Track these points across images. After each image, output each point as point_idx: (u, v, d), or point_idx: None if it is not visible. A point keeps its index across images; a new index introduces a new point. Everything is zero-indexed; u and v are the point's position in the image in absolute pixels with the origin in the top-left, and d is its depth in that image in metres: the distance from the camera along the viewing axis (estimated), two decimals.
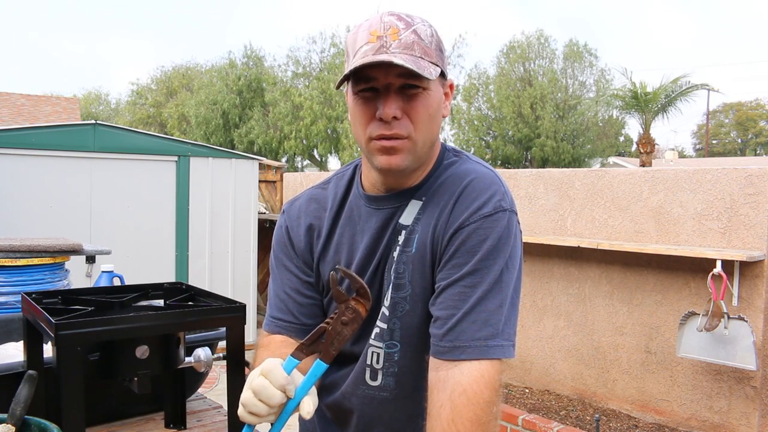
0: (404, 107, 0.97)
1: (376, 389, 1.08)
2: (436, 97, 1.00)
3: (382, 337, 1.05)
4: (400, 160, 0.99)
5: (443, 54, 1.01)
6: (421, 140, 0.99)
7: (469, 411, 0.88)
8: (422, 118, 0.98)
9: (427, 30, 0.98)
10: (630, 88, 14.61)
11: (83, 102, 34.40)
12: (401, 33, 0.96)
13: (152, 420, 1.46)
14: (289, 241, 1.15)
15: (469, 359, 0.91)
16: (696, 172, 3.82)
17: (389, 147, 0.97)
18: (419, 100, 0.97)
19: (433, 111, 0.99)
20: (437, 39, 1.00)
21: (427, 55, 0.97)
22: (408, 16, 0.99)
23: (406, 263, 1.02)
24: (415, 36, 0.96)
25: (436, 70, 0.96)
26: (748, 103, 41.32)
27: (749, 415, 3.61)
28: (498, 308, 0.94)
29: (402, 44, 0.95)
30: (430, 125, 0.99)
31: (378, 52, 0.94)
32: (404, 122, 0.97)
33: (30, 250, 2.02)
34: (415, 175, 1.05)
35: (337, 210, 1.12)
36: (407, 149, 0.98)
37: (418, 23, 0.98)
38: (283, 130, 22.34)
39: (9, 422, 0.89)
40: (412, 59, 0.94)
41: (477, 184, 0.99)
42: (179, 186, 5.82)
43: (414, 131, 0.98)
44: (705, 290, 3.66)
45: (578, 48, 25.28)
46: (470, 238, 0.96)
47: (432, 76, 0.94)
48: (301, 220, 1.14)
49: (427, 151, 1.03)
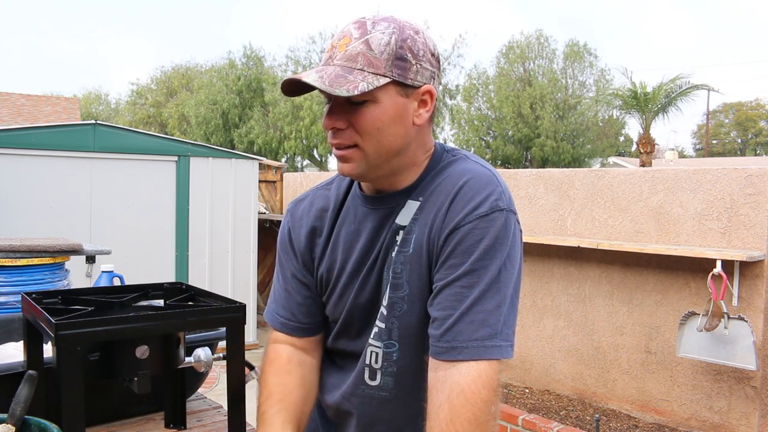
0: (350, 118, 0.97)
1: (375, 389, 1.08)
2: (389, 107, 0.97)
3: (380, 337, 1.06)
4: (351, 169, 1.01)
5: (407, 62, 0.96)
6: (372, 150, 0.98)
7: (467, 411, 0.89)
8: (368, 129, 0.97)
9: (383, 38, 0.95)
10: (630, 88, 14.62)
11: (83, 102, 34.40)
12: (351, 43, 0.96)
13: (152, 420, 1.45)
14: (290, 242, 1.16)
15: (467, 360, 0.91)
16: (696, 172, 3.82)
17: (339, 155, 1.00)
18: (364, 111, 0.96)
19: (383, 123, 0.97)
20: (396, 46, 0.95)
21: (372, 66, 0.94)
22: (374, 23, 0.97)
23: (403, 263, 1.02)
24: (363, 46, 0.95)
25: (372, 84, 0.93)
26: (748, 103, 41.34)
27: (749, 415, 3.61)
28: (496, 308, 0.94)
29: (346, 55, 0.95)
30: (379, 136, 0.97)
31: (326, 63, 0.97)
32: (349, 132, 0.98)
33: (30, 250, 2.02)
34: (402, 177, 1.05)
35: (338, 210, 1.12)
36: (357, 158, 0.99)
37: (378, 31, 0.96)
38: (283, 130, 22.35)
39: (9, 422, 0.89)
40: (335, 75, 0.93)
41: (473, 184, 0.99)
42: (179, 186, 5.82)
43: (361, 141, 0.98)
44: (705, 290, 3.66)
45: (578, 48, 25.29)
46: (466, 239, 0.95)
47: (347, 93, 0.92)
48: (303, 222, 1.15)
49: (389, 160, 1.01)
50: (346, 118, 0.97)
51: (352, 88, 0.92)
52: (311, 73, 0.95)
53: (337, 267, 1.10)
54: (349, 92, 0.92)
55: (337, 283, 1.10)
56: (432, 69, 1.00)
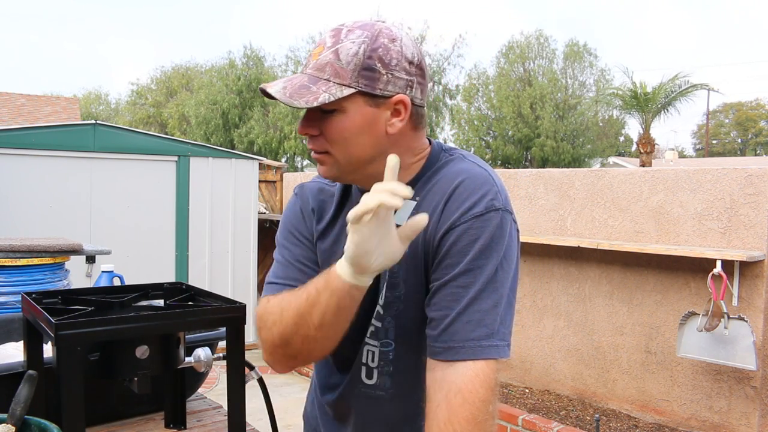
0: (321, 125, 0.99)
1: (373, 388, 1.08)
2: (356, 118, 0.97)
3: (377, 336, 1.06)
4: (325, 171, 1.04)
5: (376, 72, 0.95)
6: (342, 157, 1.00)
7: (465, 410, 0.89)
8: (336, 138, 0.99)
9: (351, 48, 0.95)
10: (630, 88, 14.63)
11: (83, 102, 34.40)
12: (323, 52, 0.97)
13: (152, 420, 1.45)
14: (302, 217, 1.16)
15: (464, 359, 0.92)
16: (696, 172, 3.82)
17: (316, 158, 1.03)
18: (332, 121, 0.98)
19: (350, 132, 0.98)
20: (364, 57, 0.95)
21: (338, 76, 0.95)
22: (349, 31, 0.97)
23: (399, 263, 1.02)
24: (332, 56, 0.95)
25: (335, 95, 0.94)
26: (748, 103, 41.36)
27: (749, 415, 3.61)
28: (492, 308, 0.94)
29: (316, 65, 0.97)
30: (346, 145, 0.99)
31: (302, 70, 1.00)
32: (320, 140, 1.00)
33: (30, 250, 2.02)
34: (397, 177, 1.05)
35: (340, 203, 1.13)
36: (330, 162, 1.02)
37: (349, 40, 0.96)
38: (283, 130, 22.35)
39: (9, 422, 0.89)
40: (299, 86, 0.95)
41: (468, 184, 0.99)
42: (179, 186, 5.82)
43: (331, 149, 1.00)
44: (705, 290, 3.66)
45: (578, 48, 25.29)
46: (461, 239, 0.95)
47: (305, 105, 0.93)
48: (309, 201, 1.16)
49: (362, 166, 1.01)
50: (318, 126, 0.99)
51: (312, 100, 0.93)
52: (279, 83, 0.97)
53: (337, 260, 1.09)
54: (308, 104, 0.93)
55: None
56: (408, 77, 0.99)
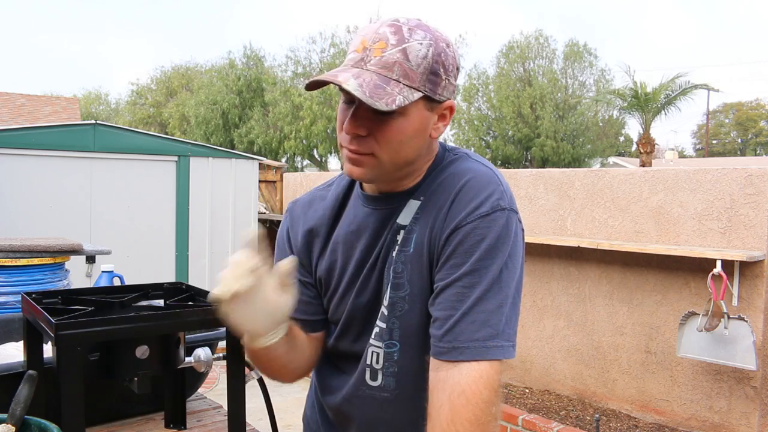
0: (372, 126, 0.94)
1: (377, 389, 1.07)
2: (414, 121, 0.95)
3: (381, 337, 1.05)
4: (363, 173, 0.99)
5: (439, 77, 0.95)
6: (388, 161, 0.97)
7: (468, 411, 0.88)
8: (389, 141, 0.95)
9: (421, 50, 0.92)
10: (631, 87, 14.62)
11: (83, 102, 34.40)
12: (387, 49, 0.92)
13: (152, 420, 1.45)
14: (288, 242, 1.16)
15: (468, 360, 0.91)
16: (696, 172, 3.82)
17: (353, 158, 0.98)
18: (389, 123, 0.94)
19: (407, 136, 0.95)
20: (432, 61, 0.93)
21: (407, 78, 0.92)
22: (411, 30, 0.93)
23: (404, 263, 1.02)
24: (401, 55, 0.92)
25: (407, 98, 0.91)
26: (748, 103, 41.35)
27: (749, 415, 3.61)
28: (497, 308, 0.93)
29: (382, 62, 0.92)
30: (399, 148, 0.96)
31: (356, 64, 0.93)
32: (368, 141, 0.95)
33: (30, 250, 2.02)
34: (407, 181, 1.04)
35: (338, 210, 1.12)
36: (371, 164, 0.97)
37: (415, 40, 0.93)
38: (283, 130, 22.34)
39: (9, 422, 0.89)
40: (374, 84, 0.90)
41: (474, 184, 0.98)
42: (179, 186, 5.82)
43: (379, 151, 0.96)
44: (705, 290, 3.65)
45: (578, 48, 25.28)
46: (467, 238, 0.95)
47: (386, 107, 0.89)
48: (300, 222, 1.15)
49: (401, 169, 1.00)
50: (368, 126, 0.95)
51: (390, 102, 0.90)
52: (348, 77, 0.91)
53: (338, 267, 1.09)
54: (388, 106, 0.89)
55: (339, 284, 1.09)
56: (455, 83, 1.00)
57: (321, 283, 1.13)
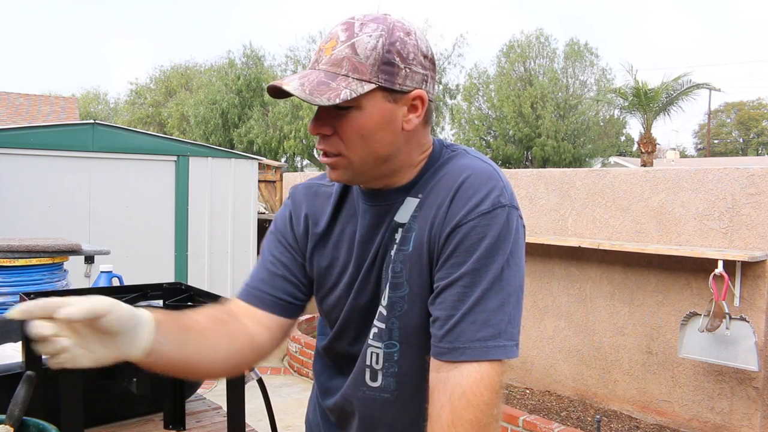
0: (336, 124, 0.95)
1: (377, 390, 1.06)
2: (373, 114, 0.94)
3: (380, 338, 1.04)
4: (338, 176, 0.99)
5: (395, 66, 0.93)
6: (357, 158, 0.96)
7: (469, 413, 0.87)
8: (351, 137, 0.95)
9: (369, 42, 0.92)
10: (633, 86, 14.63)
11: (82, 101, 34.40)
12: (337, 47, 0.92)
13: (151, 421, 1.45)
14: (290, 223, 1.14)
15: (469, 361, 0.90)
16: (697, 172, 3.81)
17: (327, 162, 0.99)
18: (349, 118, 0.94)
19: (368, 130, 0.94)
20: (383, 51, 0.92)
21: (357, 71, 0.91)
22: (362, 24, 0.93)
23: (403, 262, 1.00)
24: (349, 51, 0.92)
25: (355, 91, 0.91)
26: (750, 103, 41.39)
27: (751, 416, 3.60)
28: (499, 308, 0.92)
29: (331, 60, 0.93)
30: (363, 143, 0.95)
31: (312, 66, 0.95)
32: (334, 140, 0.96)
33: (28, 250, 2.01)
34: (398, 178, 1.03)
35: (339, 203, 1.10)
36: (343, 165, 0.98)
37: (365, 34, 0.92)
38: (282, 130, 22.35)
39: (7, 423, 0.89)
40: (318, 82, 0.91)
41: (474, 180, 0.97)
42: (178, 186, 5.81)
43: (345, 149, 0.96)
44: (706, 290, 3.65)
45: (579, 47, 25.29)
46: (468, 237, 0.94)
47: (327, 102, 0.89)
48: (302, 206, 1.14)
49: (377, 166, 0.99)
50: (331, 124, 0.95)
51: (334, 97, 0.90)
52: (294, 79, 0.92)
53: (340, 265, 1.08)
54: (330, 101, 0.90)
55: (338, 283, 1.08)
56: (424, 72, 0.97)
57: (319, 278, 1.11)
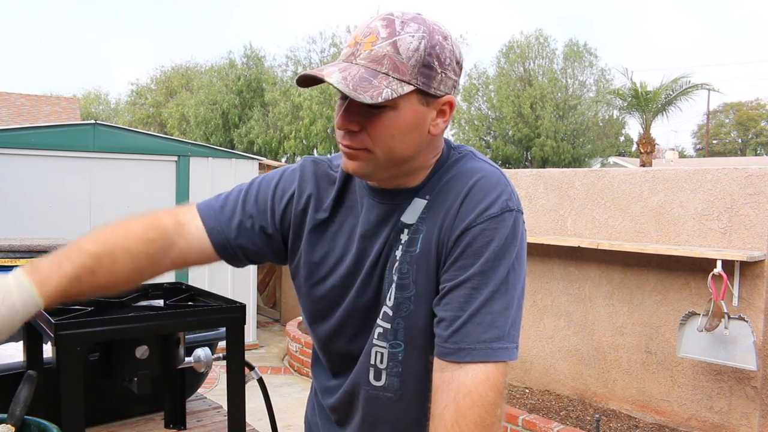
0: (364, 121, 0.93)
1: (380, 389, 1.07)
2: (407, 116, 0.93)
3: (385, 337, 1.04)
4: (358, 167, 0.97)
5: (433, 70, 0.92)
6: (383, 156, 0.95)
7: (473, 413, 0.88)
8: (382, 136, 0.93)
9: (412, 43, 0.90)
10: (631, 88, 14.63)
11: (83, 102, 34.40)
12: (377, 43, 0.90)
13: (152, 420, 1.45)
14: (290, 198, 1.11)
15: (474, 361, 0.91)
16: (696, 172, 3.82)
17: (348, 153, 0.97)
18: (381, 118, 0.92)
19: (399, 131, 0.93)
20: (424, 53, 0.91)
21: (397, 71, 0.90)
22: (403, 23, 0.91)
23: (410, 263, 1.00)
24: (391, 48, 0.90)
25: (396, 91, 0.89)
26: (749, 103, 41.37)
27: (750, 415, 3.61)
28: (504, 310, 0.93)
29: (371, 56, 0.90)
30: (392, 144, 0.94)
31: (347, 59, 0.92)
32: (362, 136, 0.94)
33: (30, 250, 2.01)
34: (410, 179, 1.02)
35: (341, 193, 1.09)
36: (366, 159, 0.96)
37: (407, 33, 0.91)
38: (282, 130, 22.35)
39: (8, 422, 0.89)
40: (360, 77, 0.89)
41: (484, 184, 0.97)
42: (179, 186, 5.82)
43: (373, 146, 0.94)
44: (705, 290, 3.65)
45: (578, 48, 25.29)
46: (477, 240, 0.95)
47: (370, 100, 0.87)
48: (308, 184, 1.11)
49: (398, 166, 0.98)
50: (360, 121, 0.93)
51: (376, 95, 0.88)
52: (334, 71, 0.90)
53: (336, 255, 1.07)
54: (373, 99, 0.88)
55: (332, 273, 1.07)
56: (455, 78, 0.97)
57: (308, 266, 1.09)
